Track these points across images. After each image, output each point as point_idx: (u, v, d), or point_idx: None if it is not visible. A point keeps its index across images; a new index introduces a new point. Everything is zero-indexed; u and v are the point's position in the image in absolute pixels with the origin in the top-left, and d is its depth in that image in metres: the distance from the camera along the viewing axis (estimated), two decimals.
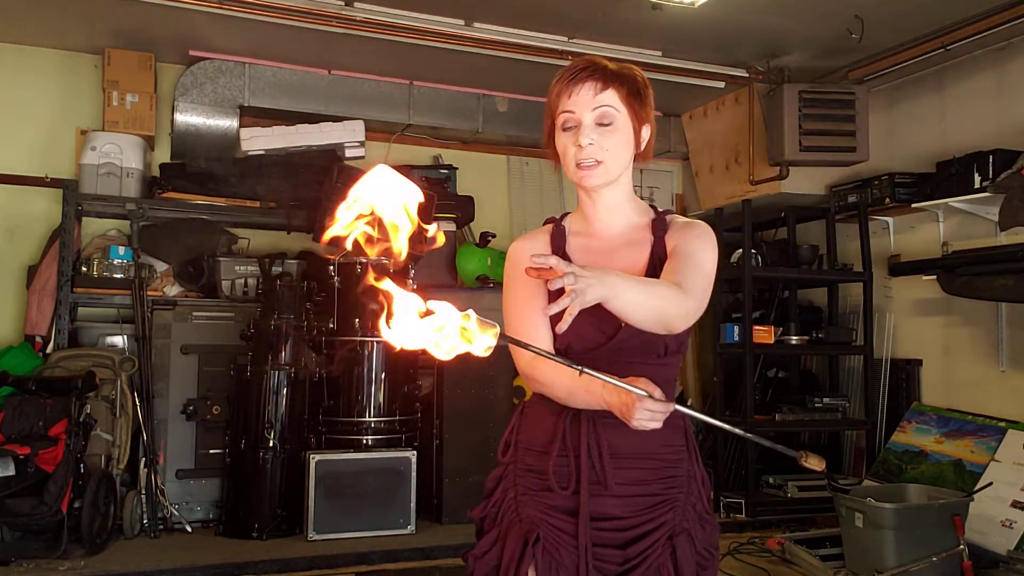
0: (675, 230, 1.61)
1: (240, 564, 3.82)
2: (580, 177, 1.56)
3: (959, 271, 4.57)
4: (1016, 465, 4.09)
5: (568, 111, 1.56)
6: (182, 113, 4.85)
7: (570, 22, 4.52)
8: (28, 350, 4.41)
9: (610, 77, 1.55)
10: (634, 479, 1.54)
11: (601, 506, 1.52)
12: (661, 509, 1.54)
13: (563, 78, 1.58)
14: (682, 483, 1.58)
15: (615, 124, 1.55)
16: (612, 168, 1.56)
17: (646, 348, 1.54)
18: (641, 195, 6.39)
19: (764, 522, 4.71)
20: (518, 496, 1.59)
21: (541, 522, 1.54)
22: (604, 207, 1.63)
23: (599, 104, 1.54)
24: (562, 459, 1.55)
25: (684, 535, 1.54)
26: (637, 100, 1.57)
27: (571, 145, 1.56)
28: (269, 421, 4.27)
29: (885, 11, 4.26)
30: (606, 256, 1.61)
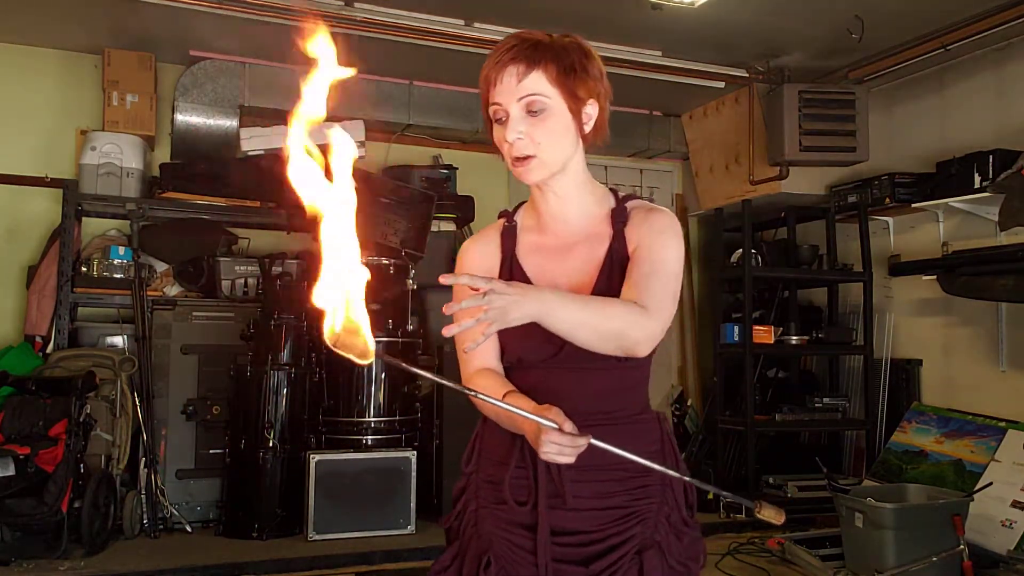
0: (636, 222, 1.46)
1: (240, 564, 3.82)
2: (518, 174, 1.43)
3: (959, 271, 4.57)
4: (1016, 465, 4.09)
5: (496, 103, 1.40)
6: (182, 113, 4.85)
7: (570, 22, 4.52)
8: (28, 350, 4.41)
9: (535, 58, 1.37)
10: (598, 492, 1.42)
11: (562, 520, 1.41)
12: (629, 522, 1.43)
13: (489, 64, 1.40)
14: (654, 492, 1.45)
15: (546, 111, 1.39)
16: (549, 160, 1.41)
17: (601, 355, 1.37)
18: (642, 195, 6.38)
19: (764, 522, 4.69)
20: (478, 509, 1.49)
21: (498, 538, 1.44)
22: (554, 199, 1.49)
23: (525, 93, 1.37)
24: (520, 470, 1.44)
25: (654, 549, 1.41)
26: (572, 77, 1.40)
27: (503, 140, 1.41)
28: (269, 421, 4.27)
29: (885, 11, 4.26)
30: (560, 255, 1.49)
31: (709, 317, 6.01)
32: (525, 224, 1.55)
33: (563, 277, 1.47)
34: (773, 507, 1.39)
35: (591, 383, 1.43)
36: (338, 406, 4.48)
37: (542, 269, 1.48)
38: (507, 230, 1.54)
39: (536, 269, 1.49)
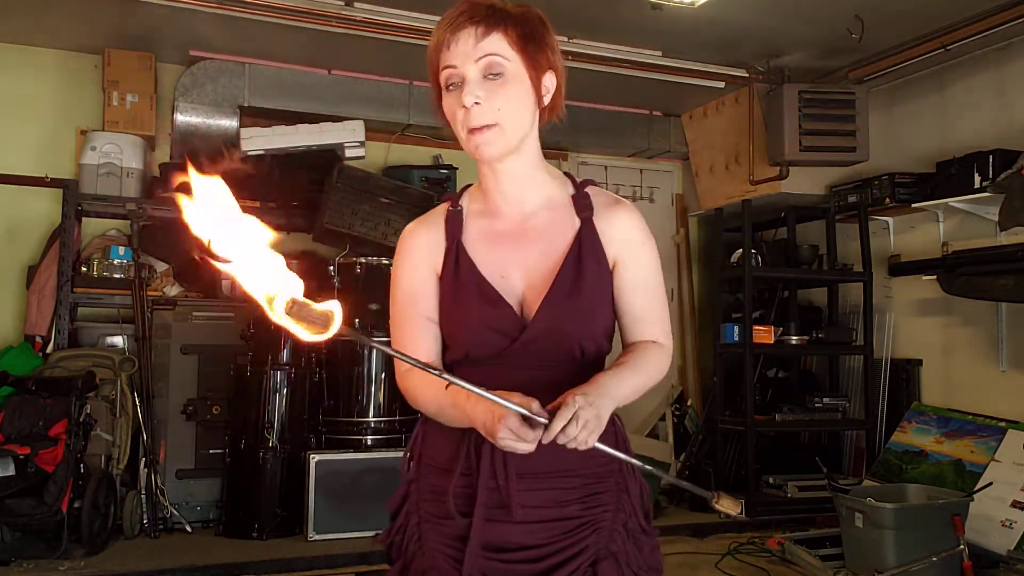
0: (603, 214, 1.38)
1: (240, 564, 3.82)
2: (475, 146, 1.30)
3: (959, 271, 4.57)
4: (1016, 465, 4.09)
5: (450, 65, 1.28)
6: (182, 113, 4.85)
7: (570, 22, 4.52)
8: (28, 350, 4.41)
9: (495, 19, 1.28)
10: (550, 501, 1.31)
11: (508, 534, 1.30)
12: (582, 533, 1.32)
13: (442, 27, 1.30)
14: (610, 499, 1.35)
15: (505, 75, 1.28)
16: (510, 130, 1.29)
17: (559, 350, 1.32)
18: (641, 195, 6.40)
19: (764, 522, 4.70)
20: (421, 523, 1.37)
21: (442, 555, 1.32)
22: (509, 180, 1.37)
23: (483, 53, 1.27)
24: (465, 478, 1.32)
25: (610, 560, 1.31)
26: (532, 44, 1.30)
27: (458, 107, 1.29)
28: (269, 421, 4.27)
29: (885, 11, 4.26)
30: (514, 241, 1.37)
31: (709, 317, 6.00)
32: (472, 208, 1.42)
33: (517, 266, 1.36)
34: (730, 498, 1.34)
35: (546, 381, 1.29)
36: (338, 406, 4.48)
37: (492, 257, 1.37)
38: (452, 215, 1.41)
39: (485, 257, 1.37)
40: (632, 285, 1.38)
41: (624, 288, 1.38)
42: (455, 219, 1.40)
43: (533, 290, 1.34)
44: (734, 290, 5.61)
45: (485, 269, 1.36)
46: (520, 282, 1.35)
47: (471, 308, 1.33)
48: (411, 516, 1.39)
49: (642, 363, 1.34)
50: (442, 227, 1.40)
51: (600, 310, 1.36)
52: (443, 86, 1.32)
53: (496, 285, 1.34)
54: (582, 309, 1.33)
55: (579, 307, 1.33)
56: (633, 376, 1.30)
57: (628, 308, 1.38)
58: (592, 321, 1.34)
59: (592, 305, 1.34)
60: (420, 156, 5.71)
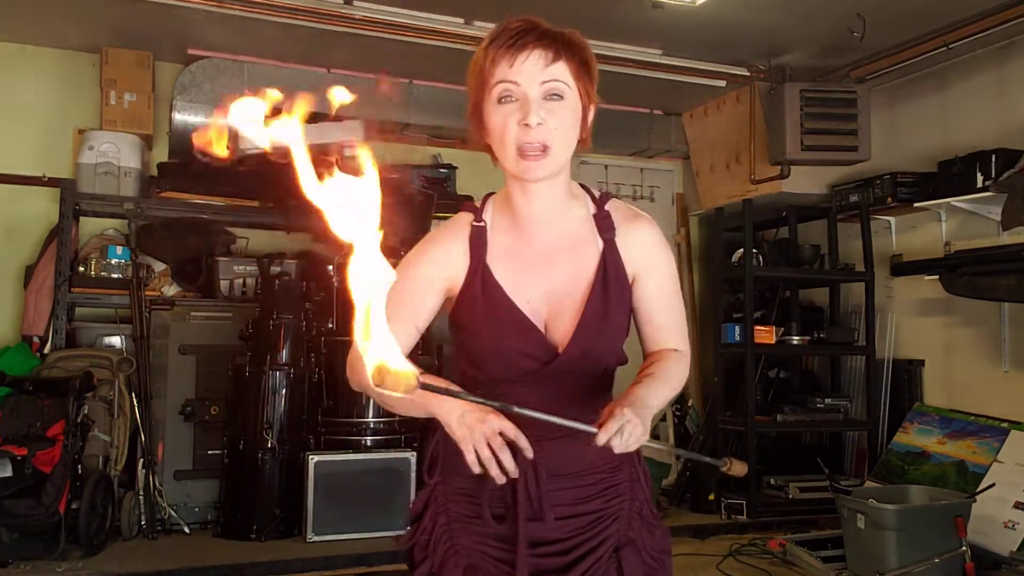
0: (624, 231, 1.42)
1: (238, 566, 3.80)
2: (523, 168, 1.31)
3: (961, 271, 4.55)
4: (1019, 466, 4.07)
5: (510, 81, 1.30)
6: (180, 112, 4.83)
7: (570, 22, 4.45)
8: (25, 350, 4.39)
9: (561, 46, 1.32)
10: (573, 499, 1.40)
11: (539, 531, 1.38)
12: (603, 523, 1.41)
13: (502, 42, 1.31)
14: (625, 490, 1.44)
15: (565, 101, 1.32)
16: (558, 156, 1.32)
17: (587, 372, 1.40)
18: (642, 194, 6.38)
19: (765, 523, 4.69)
20: (451, 523, 1.41)
21: (479, 554, 1.38)
22: (541, 205, 1.39)
23: (550, 77, 1.30)
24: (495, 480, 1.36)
25: (630, 546, 1.41)
26: (587, 74, 1.34)
27: (512, 123, 1.30)
28: (268, 422, 4.25)
29: (887, 10, 4.24)
30: (540, 265, 1.39)
31: (710, 317, 5.99)
32: (496, 223, 1.43)
33: (543, 292, 1.39)
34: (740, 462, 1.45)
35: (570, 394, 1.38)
36: (337, 406, 4.46)
37: (518, 280, 1.39)
38: (476, 232, 1.41)
39: (511, 281, 1.39)
40: (652, 296, 1.44)
41: (644, 299, 1.44)
42: (479, 236, 1.41)
43: (559, 315, 1.39)
44: (735, 290, 5.60)
45: (512, 292, 1.38)
46: (544, 305, 1.39)
47: (503, 333, 1.37)
48: (439, 517, 1.43)
49: (669, 374, 1.42)
50: (466, 242, 1.41)
51: (623, 327, 1.43)
52: (493, 98, 1.33)
53: (523, 309, 1.38)
54: (610, 331, 1.39)
55: (607, 330, 1.39)
56: (663, 388, 1.38)
57: (649, 318, 1.45)
58: (617, 339, 1.42)
59: (618, 325, 1.41)
60: (420, 156, 5.69)
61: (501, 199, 1.45)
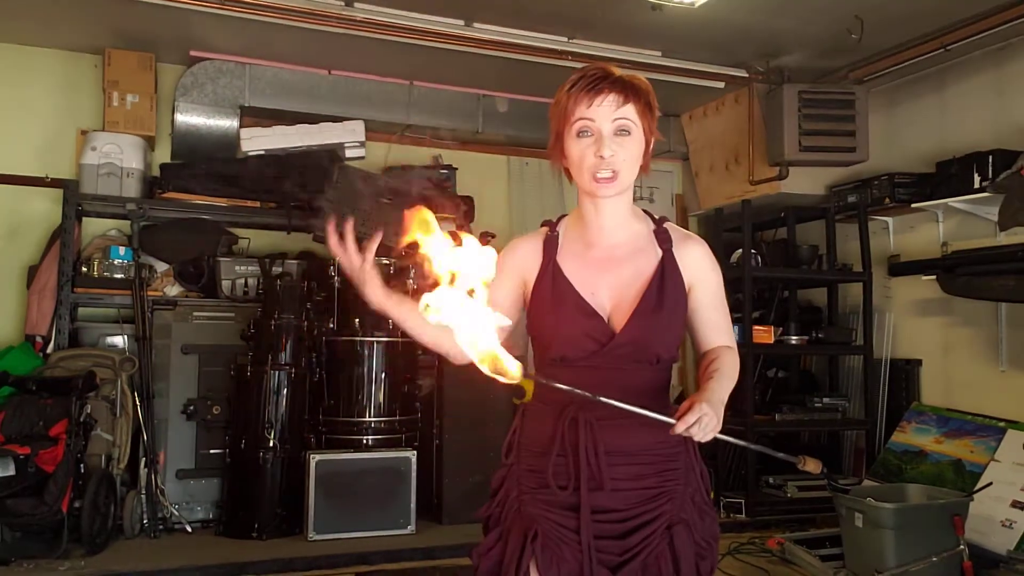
0: (682, 247, 1.68)
1: (240, 564, 3.82)
2: (596, 188, 1.60)
3: (959, 271, 4.57)
4: (1016, 465, 4.09)
5: (587, 118, 1.58)
6: (182, 113, 4.85)
7: (570, 22, 4.52)
8: (28, 350, 4.41)
9: (629, 91, 1.60)
10: (631, 475, 1.60)
11: (600, 500, 1.59)
12: (659, 501, 1.60)
13: (582, 85, 1.59)
14: (680, 476, 1.64)
15: (632, 136, 1.60)
16: (625, 180, 1.61)
17: (639, 357, 1.61)
18: (640, 195, 6.41)
19: (764, 522, 4.71)
20: (521, 495, 1.65)
21: (542, 519, 1.60)
22: (609, 217, 1.66)
23: (620, 116, 1.58)
24: (560, 459, 1.61)
25: (682, 525, 1.60)
26: (650, 113, 1.63)
27: (590, 154, 1.58)
28: (269, 421, 4.27)
29: (885, 11, 4.26)
30: (605, 266, 1.66)
31: None
32: (569, 234, 1.71)
33: (607, 287, 1.64)
34: (813, 460, 1.67)
35: (628, 381, 1.60)
36: (338, 406, 4.48)
37: (584, 277, 1.65)
38: (550, 239, 1.71)
39: (579, 276, 1.65)
40: (706, 303, 1.69)
41: (700, 305, 1.68)
42: (552, 242, 1.70)
43: (619, 307, 1.63)
44: (734, 290, 5.60)
45: (579, 286, 1.64)
46: (608, 300, 1.64)
47: (569, 318, 1.61)
48: (511, 491, 1.68)
49: (731, 368, 1.65)
50: (540, 246, 1.70)
51: (676, 324, 1.66)
52: (573, 133, 1.60)
53: (588, 299, 1.63)
54: (662, 323, 1.62)
55: (660, 321, 1.61)
56: (729, 382, 1.61)
57: (704, 321, 1.70)
58: (669, 333, 1.64)
59: (671, 320, 1.63)
60: (420, 156, 5.71)
61: (574, 216, 1.73)
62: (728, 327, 1.73)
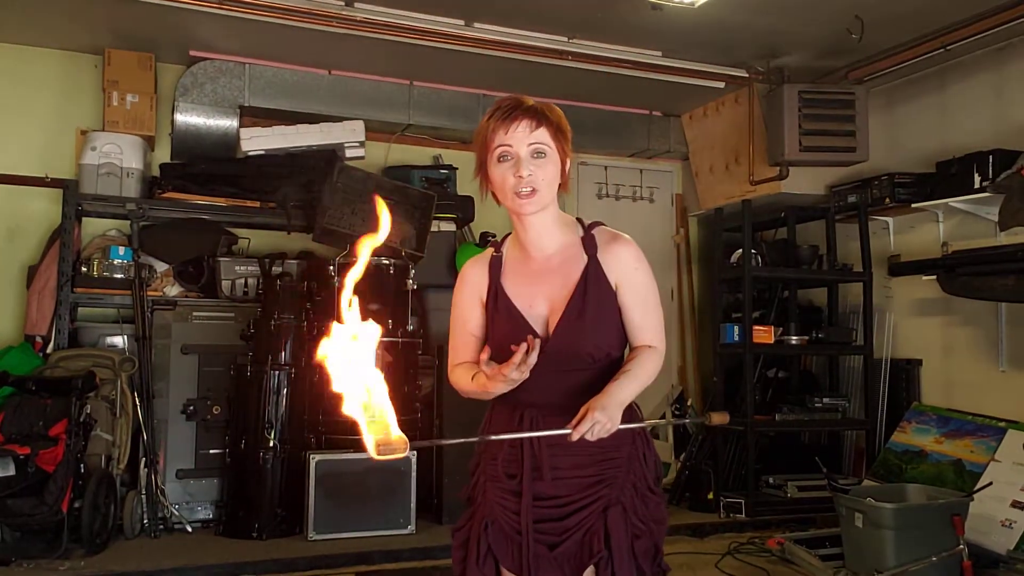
0: (606, 250, 1.81)
1: (240, 564, 3.82)
2: (519, 205, 1.75)
3: (959, 271, 4.57)
4: (1016, 465, 4.09)
5: (505, 144, 1.73)
6: (182, 113, 4.85)
7: (570, 22, 4.52)
8: (28, 350, 4.41)
9: (541, 117, 1.75)
10: (573, 464, 1.78)
11: (545, 488, 1.78)
12: (598, 487, 1.78)
13: (498, 116, 1.75)
14: (621, 463, 1.80)
15: (547, 157, 1.75)
16: (544, 196, 1.75)
17: (572, 359, 1.77)
18: (641, 195, 6.41)
19: (764, 522, 4.71)
20: (485, 481, 1.87)
21: (496, 505, 1.82)
22: (536, 231, 1.82)
23: (535, 140, 1.73)
24: (512, 450, 1.81)
25: (618, 507, 1.76)
26: (562, 136, 1.78)
27: (510, 176, 1.74)
28: (269, 421, 4.27)
29: (885, 11, 4.26)
30: (539, 277, 1.82)
31: (709, 317, 6.01)
32: (510, 254, 1.89)
33: (543, 297, 1.81)
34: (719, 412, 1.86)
35: (570, 380, 1.78)
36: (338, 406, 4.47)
37: (523, 291, 1.82)
38: (494, 260, 1.88)
39: (516, 292, 1.83)
40: (630, 302, 1.82)
41: (625, 303, 1.82)
42: (496, 263, 1.88)
43: (554, 314, 1.80)
44: (734, 290, 5.61)
45: (518, 301, 1.82)
46: (545, 309, 1.81)
47: (509, 332, 1.78)
48: (480, 476, 1.89)
49: (639, 369, 1.77)
50: (487, 269, 1.88)
51: (605, 325, 1.79)
52: (494, 158, 1.76)
53: (525, 313, 1.81)
54: (587, 327, 1.76)
55: (585, 325, 1.76)
56: (633, 382, 1.74)
57: (629, 320, 1.83)
58: (597, 335, 1.77)
59: (596, 322, 1.77)
60: (420, 156, 5.71)
61: (513, 236, 1.90)
62: (653, 325, 1.84)
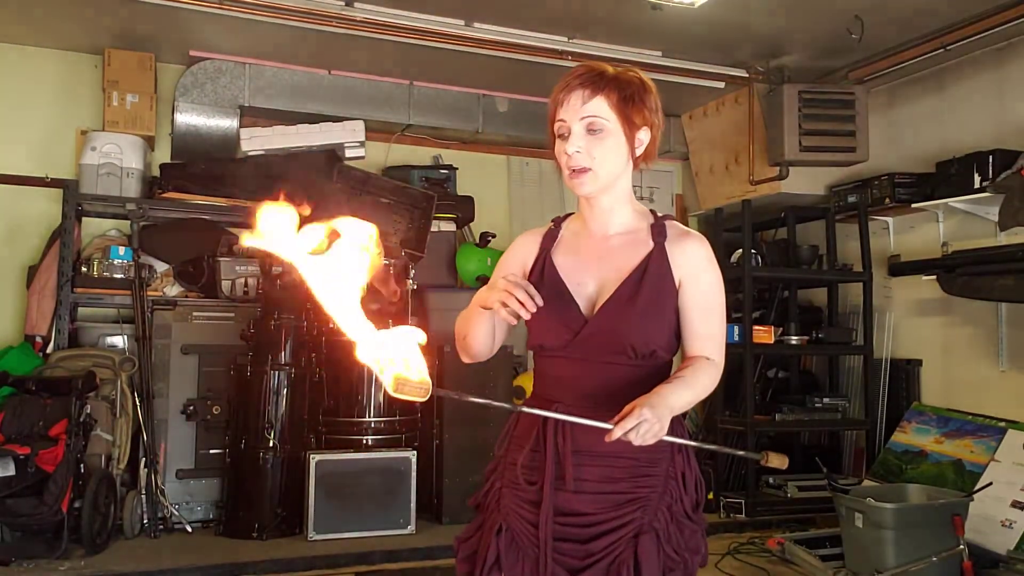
0: (675, 241, 1.63)
1: (240, 564, 3.82)
2: (572, 184, 1.61)
3: (959, 271, 4.57)
4: (1016, 465, 4.09)
5: (560, 119, 1.60)
6: (182, 113, 4.85)
7: (570, 22, 4.52)
8: (28, 350, 4.41)
9: (600, 85, 1.57)
10: (603, 476, 1.56)
11: (568, 502, 1.56)
12: (629, 508, 1.55)
13: (559, 86, 1.61)
14: (657, 483, 1.57)
15: (604, 131, 1.58)
16: (602, 175, 1.59)
17: (611, 348, 1.57)
18: (640, 196, 6.40)
19: (764, 522, 4.71)
20: (502, 488, 1.66)
21: (513, 514, 1.61)
22: (600, 210, 1.66)
23: (586, 114, 1.57)
24: (534, 454, 1.61)
25: (651, 534, 1.53)
26: (630, 105, 1.58)
27: (563, 153, 1.60)
28: (269, 421, 4.27)
29: (885, 11, 4.26)
30: (595, 259, 1.65)
31: None
32: (570, 228, 1.73)
33: (595, 278, 1.63)
34: (777, 454, 1.59)
35: (607, 374, 1.57)
36: (338, 406, 4.48)
37: (574, 268, 1.65)
38: (550, 232, 1.73)
39: (568, 267, 1.65)
40: (693, 303, 1.61)
41: (686, 304, 1.61)
42: (551, 235, 1.72)
43: (603, 297, 1.61)
44: (734, 290, 5.60)
45: (566, 275, 1.64)
46: (593, 290, 1.62)
47: (548, 307, 1.57)
48: (496, 482, 1.68)
49: (696, 379, 1.55)
50: (539, 240, 1.72)
51: (656, 317, 1.58)
52: (555, 134, 1.62)
53: (572, 289, 1.63)
54: (636, 314, 1.56)
55: (633, 312, 1.56)
56: (687, 390, 1.52)
57: (687, 323, 1.62)
58: (645, 326, 1.57)
59: (646, 312, 1.57)
60: (420, 156, 5.71)
61: (577, 214, 1.74)
62: (715, 336, 1.62)
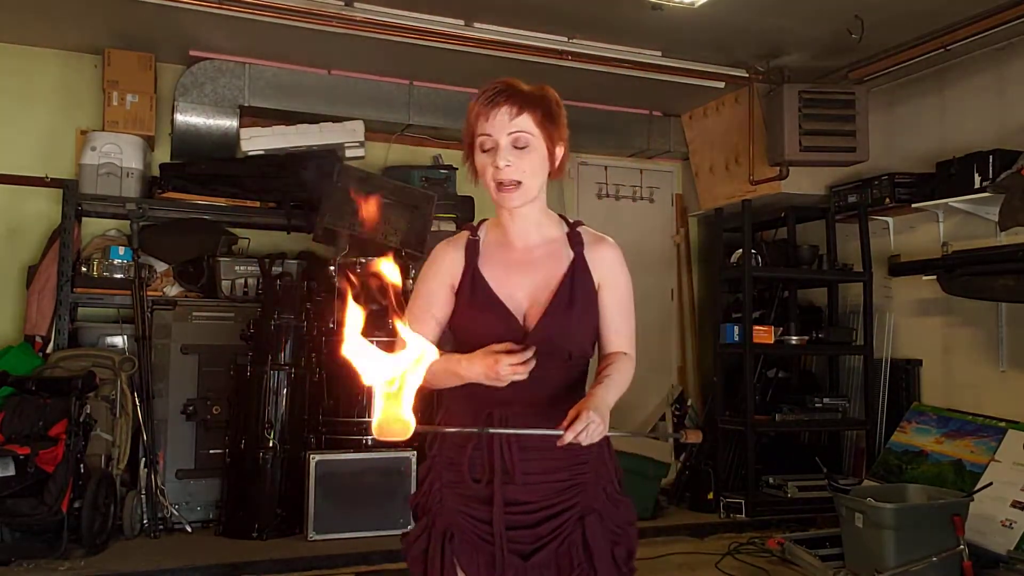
0: (591, 248, 1.74)
1: (240, 564, 3.82)
2: (502, 198, 1.67)
3: (959, 271, 4.57)
4: (1016, 465, 4.09)
5: (485, 134, 1.65)
6: (182, 113, 4.85)
7: (570, 22, 4.52)
8: (28, 350, 4.41)
9: (525, 102, 1.64)
10: (544, 468, 1.67)
11: (513, 493, 1.66)
12: (570, 492, 1.68)
13: (480, 100, 1.66)
14: (591, 468, 1.71)
15: (530, 146, 1.64)
16: (529, 188, 1.66)
17: (552, 353, 1.65)
18: (641, 195, 6.41)
19: (764, 522, 4.71)
20: (442, 488, 1.71)
21: (460, 513, 1.68)
22: (522, 222, 1.73)
23: (514, 129, 1.63)
24: (477, 452, 1.68)
25: (595, 514, 1.67)
26: (550, 122, 1.67)
27: (489, 166, 1.65)
28: (269, 421, 4.27)
29: (885, 11, 4.26)
30: (522, 268, 1.72)
31: (709, 317, 6.01)
32: (489, 239, 1.77)
33: (523, 288, 1.71)
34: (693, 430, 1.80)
35: (544, 377, 1.64)
36: (338, 406, 4.48)
37: (502, 279, 1.71)
38: (471, 243, 1.76)
39: (497, 280, 1.71)
40: (611, 305, 1.75)
41: (605, 306, 1.74)
42: (473, 247, 1.75)
43: (534, 307, 1.69)
44: (734, 290, 5.61)
45: (497, 288, 1.70)
46: (524, 300, 1.70)
47: (485, 319, 1.68)
48: (434, 483, 1.73)
49: (621, 376, 1.70)
50: (463, 252, 1.75)
51: (587, 322, 1.71)
52: (478, 147, 1.68)
53: (503, 300, 1.69)
54: (573, 321, 1.68)
55: (571, 319, 1.68)
56: (617, 388, 1.67)
57: (608, 323, 1.75)
58: (580, 331, 1.70)
59: (582, 318, 1.70)
60: (420, 156, 5.71)
61: (493, 222, 1.80)
62: (629, 333, 1.77)
